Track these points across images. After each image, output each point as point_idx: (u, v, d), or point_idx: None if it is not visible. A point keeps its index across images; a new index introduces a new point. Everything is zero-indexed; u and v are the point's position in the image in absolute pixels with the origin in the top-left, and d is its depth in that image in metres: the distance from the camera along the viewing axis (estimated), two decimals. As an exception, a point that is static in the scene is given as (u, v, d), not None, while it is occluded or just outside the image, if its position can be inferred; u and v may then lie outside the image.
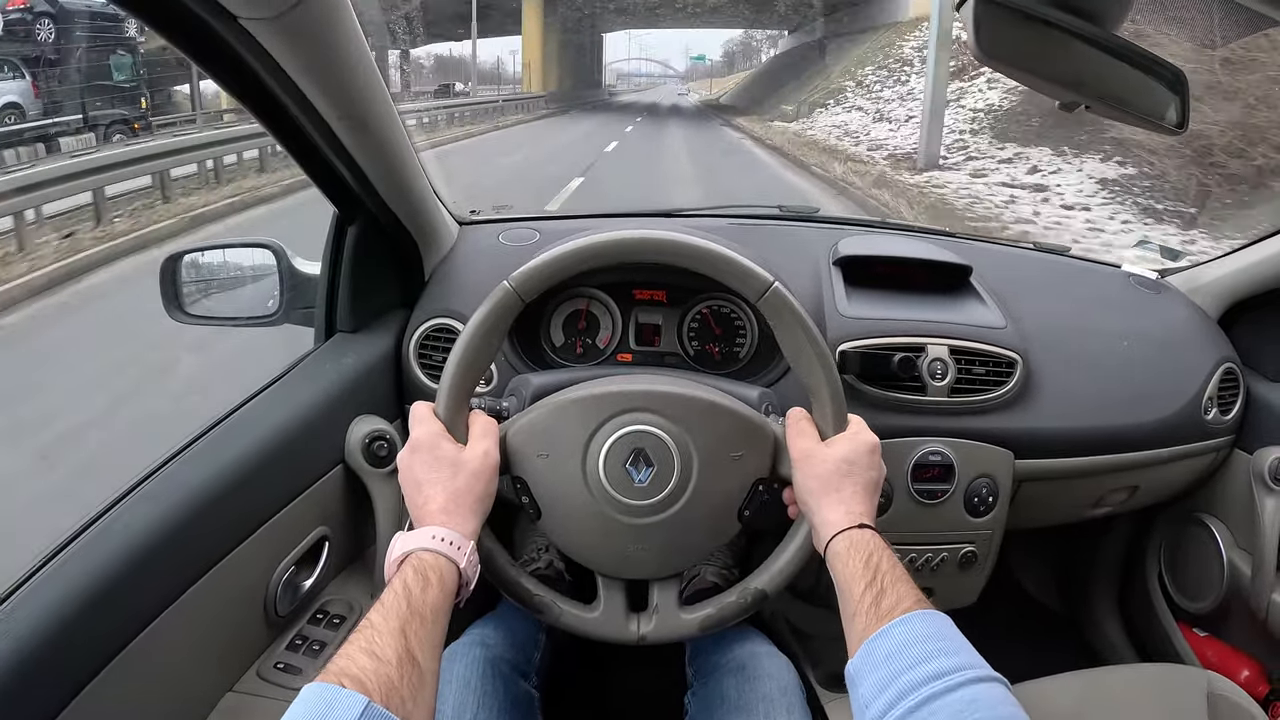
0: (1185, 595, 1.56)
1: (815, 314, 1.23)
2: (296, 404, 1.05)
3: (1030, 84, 0.78)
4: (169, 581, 0.83)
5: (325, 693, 0.59)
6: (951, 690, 0.63)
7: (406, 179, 1.13)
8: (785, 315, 0.89)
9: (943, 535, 1.25)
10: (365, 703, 0.58)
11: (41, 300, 5.65)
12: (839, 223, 1.59)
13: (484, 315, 0.88)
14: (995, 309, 1.30)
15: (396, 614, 0.68)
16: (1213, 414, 1.35)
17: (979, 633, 0.85)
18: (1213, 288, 1.47)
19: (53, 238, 6.67)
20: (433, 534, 0.77)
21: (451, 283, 1.28)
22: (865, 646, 0.71)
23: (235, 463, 0.93)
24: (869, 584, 0.75)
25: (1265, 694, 1.39)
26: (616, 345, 1.28)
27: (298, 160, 1.03)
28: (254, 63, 0.81)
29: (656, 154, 16.52)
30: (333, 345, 1.19)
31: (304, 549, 1.03)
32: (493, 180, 11.15)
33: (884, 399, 1.21)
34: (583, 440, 0.90)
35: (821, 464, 0.86)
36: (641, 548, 0.93)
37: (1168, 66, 0.80)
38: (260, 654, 0.99)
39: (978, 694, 0.63)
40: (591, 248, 0.89)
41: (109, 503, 0.84)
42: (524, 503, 0.92)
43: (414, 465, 0.84)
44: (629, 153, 16.48)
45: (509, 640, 1.11)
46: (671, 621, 0.95)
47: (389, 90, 0.99)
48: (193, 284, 1.29)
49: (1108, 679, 1.17)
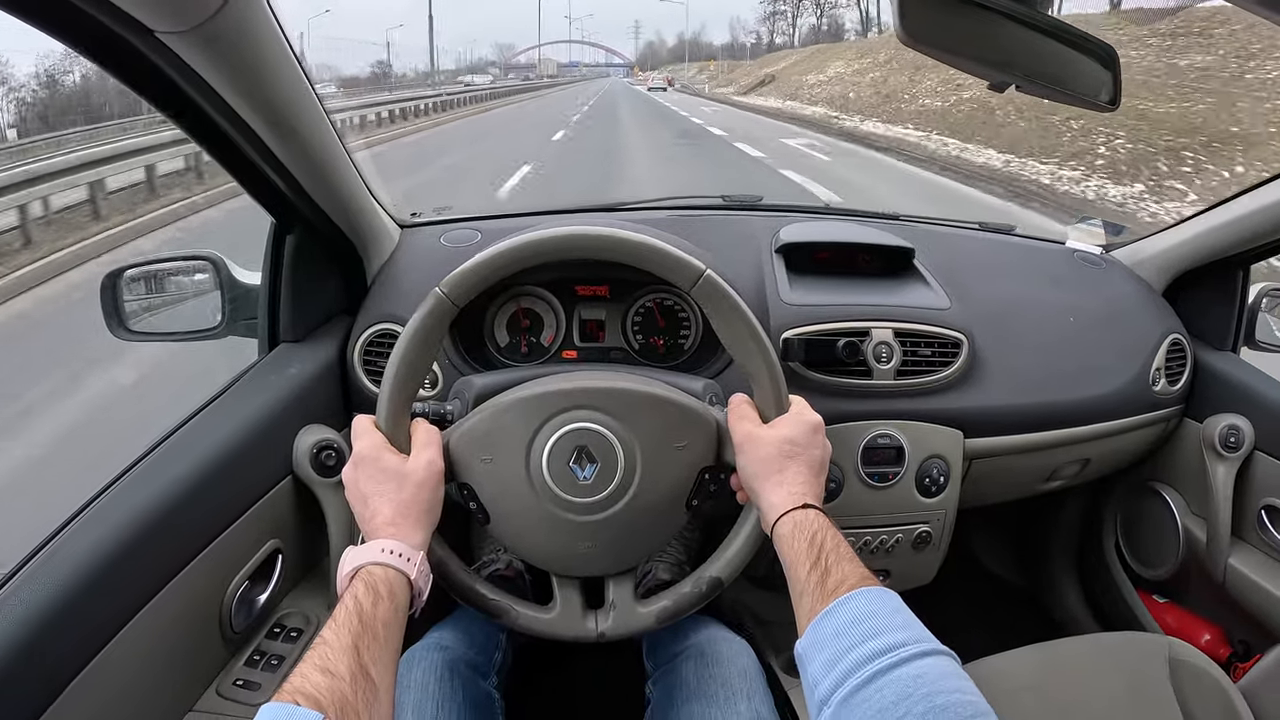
0: (1143, 564, 1.59)
1: (757, 302, 1.23)
2: (242, 417, 1.04)
3: (959, 65, 0.78)
4: (119, 605, 0.81)
5: (281, 712, 0.59)
6: (898, 665, 0.63)
7: (341, 184, 1.11)
8: (719, 302, 0.89)
9: (896, 517, 1.27)
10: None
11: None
12: (782, 210, 1.59)
13: (418, 324, 0.87)
14: (939, 290, 1.31)
15: (349, 629, 0.68)
16: (1161, 385, 1.38)
17: (939, 611, 0.86)
18: (1157, 261, 1.49)
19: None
20: (382, 547, 0.77)
21: (394, 287, 1.27)
22: (812, 626, 0.71)
23: (181, 480, 0.91)
24: (814, 564, 0.75)
25: (1226, 656, 1.42)
26: (561, 343, 1.27)
27: (229, 170, 1.01)
28: (174, 75, 0.80)
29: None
30: (276, 356, 1.18)
31: (257, 563, 1.02)
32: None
33: (830, 384, 1.21)
34: (524, 442, 0.89)
35: (764, 446, 0.86)
36: (591, 545, 0.93)
37: (1099, 44, 0.80)
38: (219, 672, 0.98)
39: (924, 668, 0.64)
40: (519, 248, 0.88)
41: (52, 531, 0.82)
42: (472, 508, 0.92)
43: (359, 479, 0.84)
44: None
45: (468, 642, 1.11)
46: (629, 616, 0.96)
47: (317, 94, 0.97)
48: (134, 300, 1.26)
49: (1070, 649, 1.18)
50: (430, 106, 23.67)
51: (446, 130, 19.94)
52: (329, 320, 1.26)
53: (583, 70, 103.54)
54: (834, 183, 9.91)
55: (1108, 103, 0.83)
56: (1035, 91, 0.81)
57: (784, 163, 12.00)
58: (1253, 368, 1.43)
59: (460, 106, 27.34)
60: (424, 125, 20.49)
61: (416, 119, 21.12)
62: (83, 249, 6.81)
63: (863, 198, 9.10)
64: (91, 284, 1.25)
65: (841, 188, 9.59)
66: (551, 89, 61.85)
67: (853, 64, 30.15)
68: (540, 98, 43.11)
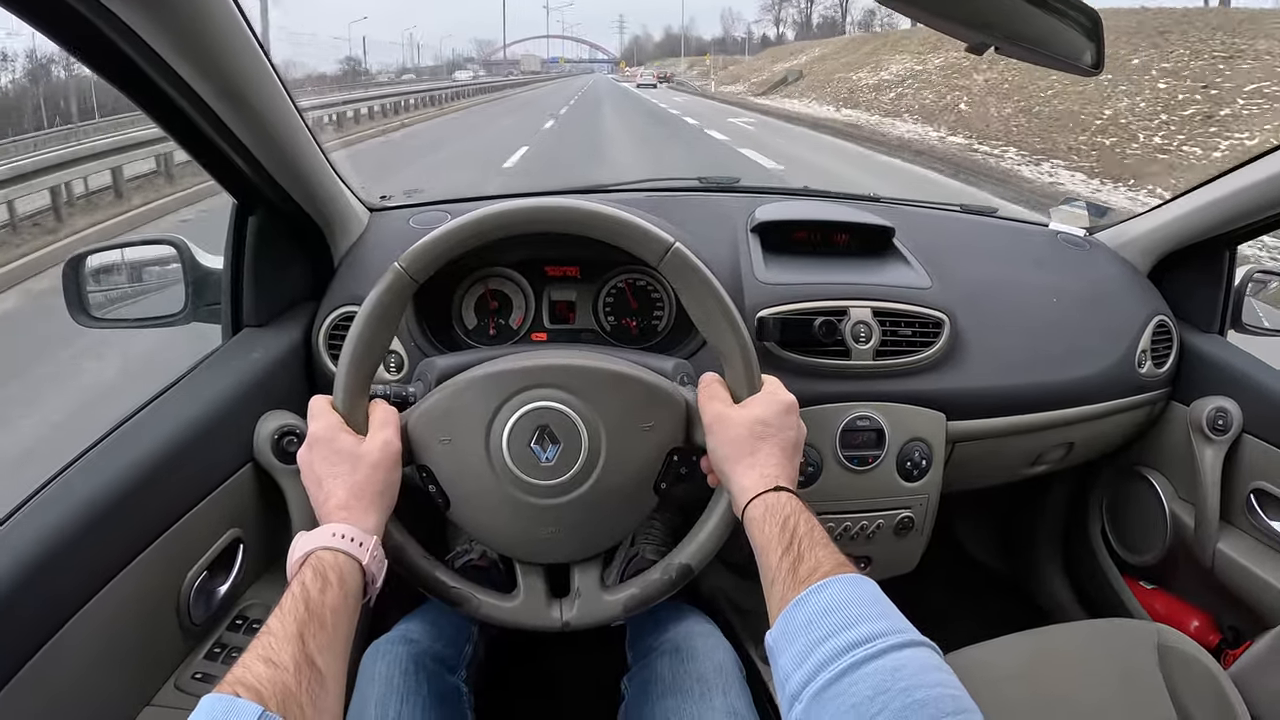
0: (1130, 549, 1.57)
1: (732, 281, 1.21)
2: (201, 401, 1.01)
3: (939, 27, 0.76)
4: (69, 594, 0.78)
5: (220, 703, 0.57)
6: (873, 658, 0.60)
7: (303, 162, 1.08)
8: (688, 276, 0.86)
9: (877, 502, 1.24)
10: (259, 712, 0.56)
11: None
12: (759, 191, 1.57)
13: (375, 300, 0.85)
14: (920, 270, 1.28)
15: (294, 617, 0.66)
16: (1146, 367, 1.36)
17: (922, 600, 0.83)
18: (1141, 242, 1.48)
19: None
20: (333, 531, 0.75)
21: (360, 270, 1.24)
22: (783, 615, 0.67)
23: (135, 465, 0.88)
24: (786, 549, 0.72)
25: (1216, 643, 1.40)
26: (530, 324, 1.25)
27: (186, 148, 0.98)
28: (123, 44, 0.77)
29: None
30: (240, 340, 1.15)
31: (216, 552, 0.99)
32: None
33: (807, 365, 1.18)
34: (484, 421, 0.87)
35: (734, 427, 0.83)
36: (555, 530, 0.90)
37: (1083, 9, 0.79)
38: (177, 665, 0.95)
39: (902, 660, 0.60)
40: (481, 220, 0.86)
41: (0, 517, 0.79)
42: (431, 492, 0.90)
43: (313, 461, 0.82)
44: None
45: (436, 635, 1.08)
46: (595, 605, 0.93)
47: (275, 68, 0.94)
48: (97, 288, 1.24)
49: (1057, 637, 1.16)
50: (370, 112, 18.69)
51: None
52: (294, 305, 1.23)
53: (564, 66, 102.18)
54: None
55: (1091, 66, 0.81)
56: (1016, 54, 0.79)
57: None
58: (1240, 350, 1.41)
59: (414, 110, 22.02)
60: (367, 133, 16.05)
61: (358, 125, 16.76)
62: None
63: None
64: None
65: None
66: (524, 87, 52.76)
67: (927, 59, 21.82)
68: (505, 99, 35.09)
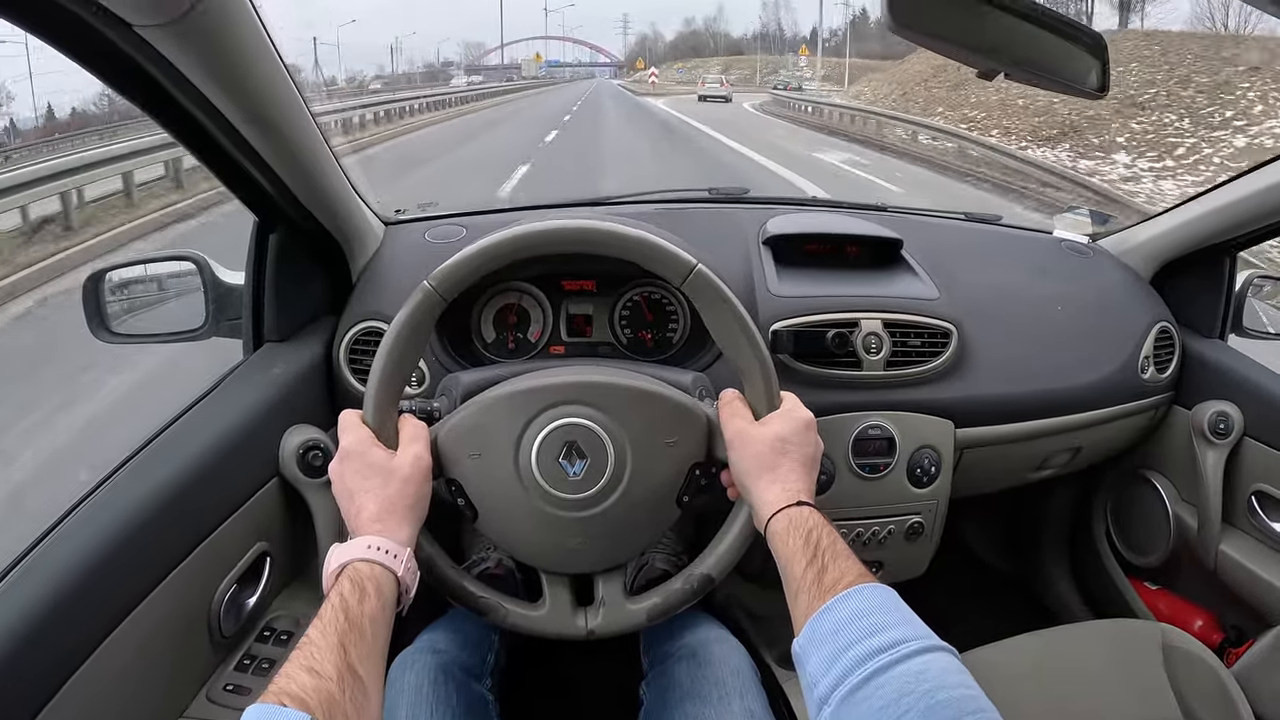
0: (1135, 551, 1.59)
1: (746, 295, 1.22)
2: (226, 418, 1.02)
3: (946, 53, 0.78)
4: (106, 611, 0.80)
5: (266, 713, 0.58)
6: (897, 663, 0.63)
7: (324, 181, 1.10)
8: (710, 296, 0.89)
9: (888, 508, 1.26)
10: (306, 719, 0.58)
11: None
12: (769, 203, 1.59)
13: (406, 317, 0.87)
14: (928, 280, 1.31)
15: (335, 628, 0.67)
16: (1150, 373, 1.38)
17: (932, 602, 0.85)
18: (1144, 249, 1.50)
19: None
20: (368, 544, 0.77)
21: (378, 284, 1.26)
22: (809, 624, 0.70)
23: (166, 484, 0.90)
24: (810, 561, 0.75)
25: (1219, 642, 1.42)
26: (548, 338, 1.26)
27: (211, 169, 1.00)
28: (154, 70, 0.78)
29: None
30: (261, 356, 1.16)
31: (244, 566, 1.01)
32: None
33: (820, 376, 1.21)
34: (513, 437, 0.89)
35: (756, 443, 0.86)
36: (581, 541, 0.92)
37: (1087, 31, 0.81)
38: (209, 677, 0.97)
39: (925, 665, 0.63)
40: (512, 240, 0.88)
41: (36, 538, 0.81)
42: (460, 505, 0.91)
43: (345, 474, 0.83)
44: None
45: (461, 643, 1.10)
46: (619, 613, 0.95)
47: (299, 88, 0.96)
48: (117, 302, 1.25)
49: (1063, 637, 1.18)
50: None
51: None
52: (314, 319, 1.24)
53: (564, 71, 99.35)
54: None
55: (1097, 89, 0.83)
56: (1024, 78, 0.81)
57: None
58: (1240, 354, 1.43)
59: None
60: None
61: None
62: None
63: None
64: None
65: None
66: (517, 95, 41.84)
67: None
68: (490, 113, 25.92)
